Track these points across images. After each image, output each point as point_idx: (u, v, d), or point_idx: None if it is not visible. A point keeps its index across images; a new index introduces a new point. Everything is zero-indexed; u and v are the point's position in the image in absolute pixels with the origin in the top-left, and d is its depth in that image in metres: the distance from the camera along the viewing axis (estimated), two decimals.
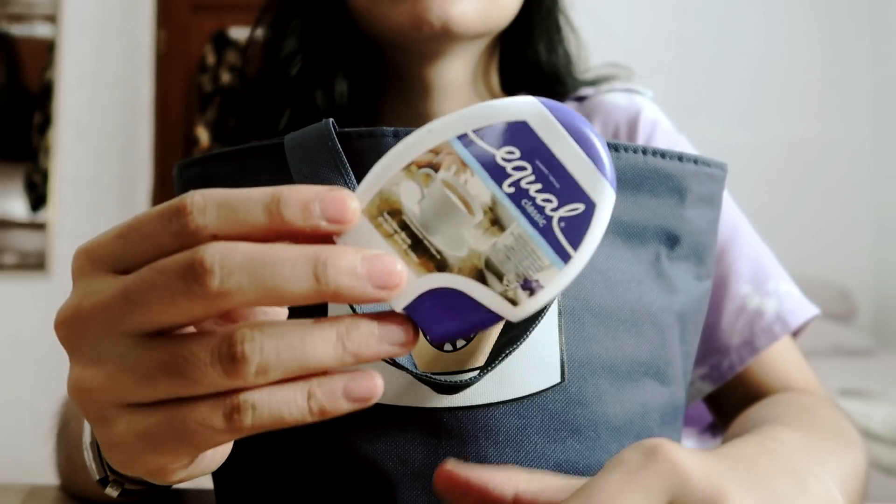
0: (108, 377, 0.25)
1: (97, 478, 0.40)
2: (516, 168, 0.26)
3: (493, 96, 0.66)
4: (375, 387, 0.25)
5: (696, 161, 0.42)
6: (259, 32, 0.67)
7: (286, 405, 0.24)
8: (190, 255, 0.23)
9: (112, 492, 0.40)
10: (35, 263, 2.80)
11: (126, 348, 0.25)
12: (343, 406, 0.25)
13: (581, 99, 0.66)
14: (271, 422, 0.24)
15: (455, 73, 0.61)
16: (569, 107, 0.65)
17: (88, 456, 0.40)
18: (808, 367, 0.58)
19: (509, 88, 0.69)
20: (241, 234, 0.24)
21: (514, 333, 0.34)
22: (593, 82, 0.67)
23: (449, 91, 0.62)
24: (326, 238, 0.25)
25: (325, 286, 0.23)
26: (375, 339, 0.25)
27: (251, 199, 0.24)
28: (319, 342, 0.24)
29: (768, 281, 0.58)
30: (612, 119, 0.63)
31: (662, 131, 0.61)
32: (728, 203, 0.60)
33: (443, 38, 0.56)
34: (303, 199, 0.24)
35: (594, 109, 0.64)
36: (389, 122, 0.64)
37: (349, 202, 0.25)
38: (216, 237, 0.24)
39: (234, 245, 0.24)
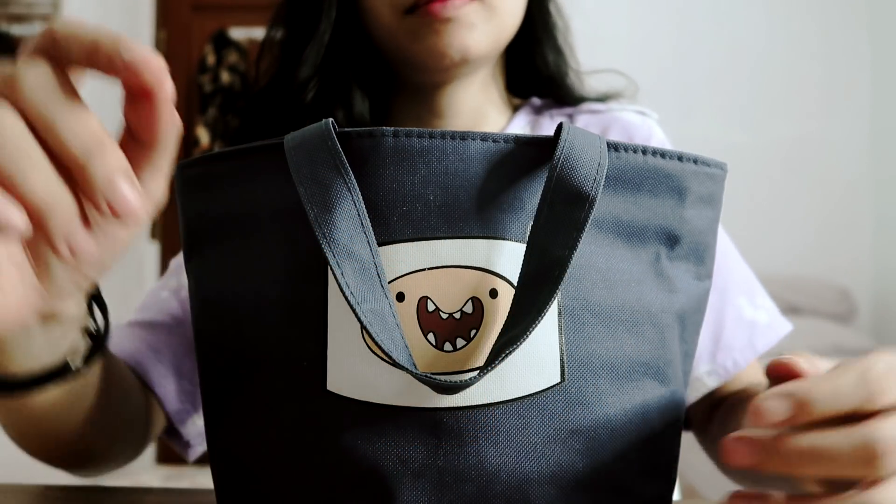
0: None
1: None
2: None
3: (497, 98, 0.71)
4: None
5: (695, 161, 0.42)
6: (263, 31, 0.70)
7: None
8: None
9: None
10: None
11: None
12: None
13: (594, 112, 0.71)
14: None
15: (465, 84, 0.67)
16: (584, 119, 0.70)
17: None
18: None
19: (518, 91, 0.74)
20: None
21: (514, 333, 0.34)
22: (602, 98, 0.73)
23: (460, 97, 0.67)
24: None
25: None
26: None
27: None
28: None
29: (756, 296, 0.65)
30: (628, 134, 0.68)
31: None
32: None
33: (460, 65, 0.62)
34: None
35: (611, 123, 0.70)
36: (399, 123, 0.67)
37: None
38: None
39: None
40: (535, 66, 0.71)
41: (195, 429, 0.64)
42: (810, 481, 0.34)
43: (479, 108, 0.69)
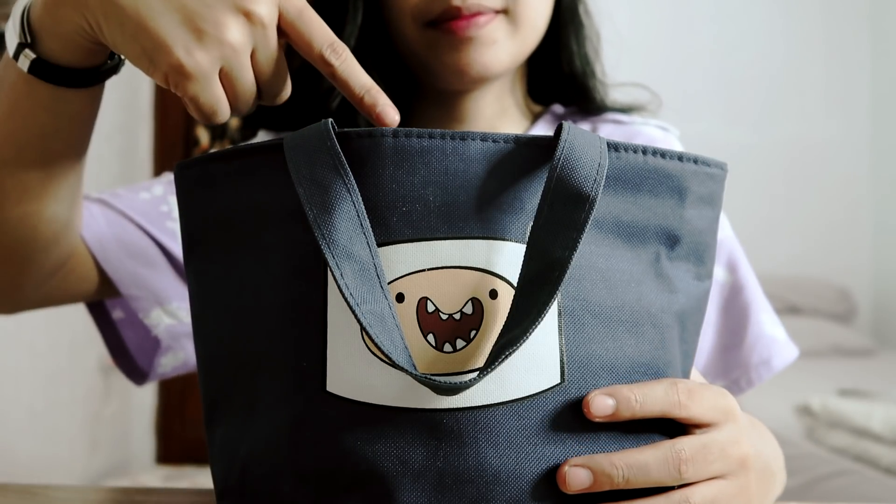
0: None
1: (17, 42, 0.44)
2: None
3: (517, 103, 0.72)
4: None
5: (695, 161, 0.42)
6: None
7: None
8: None
9: (24, 61, 0.44)
10: None
11: None
12: None
13: (617, 123, 0.72)
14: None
15: (486, 91, 0.68)
16: (607, 129, 0.70)
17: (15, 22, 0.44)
18: None
19: (540, 96, 0.74)
20: None
21: (514, 334, 0.34)
22: (626, 110, 0.73)
23: (480, 104, 0.68)
24: None
25: None
26: None
27: None
28: None
29: (772, 313, 0.67)
30: None
31: None
32: (734, 242, 0.69)
33: (479, 81, 0.64)
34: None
35: (633, 136, 0.70)
36: (420, 126, 0.68)
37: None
38: None
39: None
40: (561, 73, 0.71)
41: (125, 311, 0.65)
42: None
43: (498, 115, 0.69)
